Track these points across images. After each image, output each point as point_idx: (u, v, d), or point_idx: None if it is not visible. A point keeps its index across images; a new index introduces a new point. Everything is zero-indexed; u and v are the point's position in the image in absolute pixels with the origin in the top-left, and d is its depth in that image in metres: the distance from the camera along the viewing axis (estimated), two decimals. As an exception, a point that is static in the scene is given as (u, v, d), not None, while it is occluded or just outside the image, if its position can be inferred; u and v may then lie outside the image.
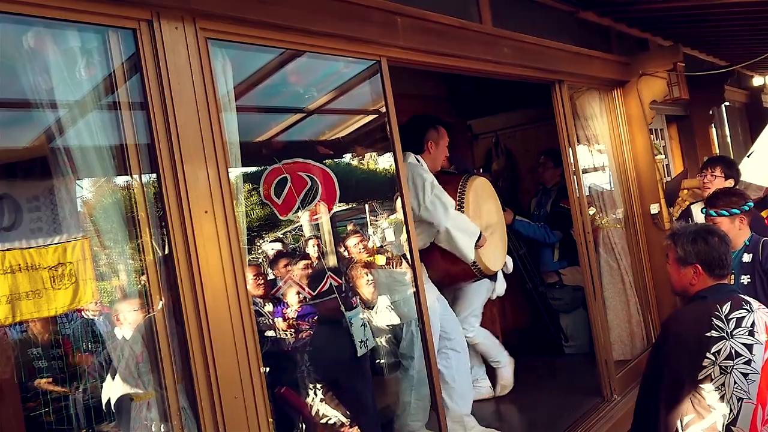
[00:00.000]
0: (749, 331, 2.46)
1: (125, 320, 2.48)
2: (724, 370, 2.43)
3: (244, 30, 2.36)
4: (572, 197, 4.42)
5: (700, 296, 2.64)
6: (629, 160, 5.13)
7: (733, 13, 4.82)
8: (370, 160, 6.13)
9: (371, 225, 6.76)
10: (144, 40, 2.05)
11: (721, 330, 2.47)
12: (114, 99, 2.13)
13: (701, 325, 2.50)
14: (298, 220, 4.14)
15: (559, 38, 4.38)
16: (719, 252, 2.60)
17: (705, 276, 2.62)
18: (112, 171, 2.19)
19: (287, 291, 3.99)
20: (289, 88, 3.81)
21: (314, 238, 5.79)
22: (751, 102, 9.43)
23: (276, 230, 7.37)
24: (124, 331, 2.48)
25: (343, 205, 6.86)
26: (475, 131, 6.25)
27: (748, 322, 2.47)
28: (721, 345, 2.45)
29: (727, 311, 2.50)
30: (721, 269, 2.61)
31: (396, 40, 2.97)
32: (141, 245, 2.16)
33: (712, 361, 2.45)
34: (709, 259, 2.60)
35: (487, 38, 3.61)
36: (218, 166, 2.18)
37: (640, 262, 5.13)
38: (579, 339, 5.42)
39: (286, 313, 3.89)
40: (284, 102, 4.08)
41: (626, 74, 5.09)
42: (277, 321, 3.88)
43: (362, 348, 3.85)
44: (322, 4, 2.62)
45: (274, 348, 3.82)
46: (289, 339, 3.85)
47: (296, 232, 7.24)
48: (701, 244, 2.62)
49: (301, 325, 3.89)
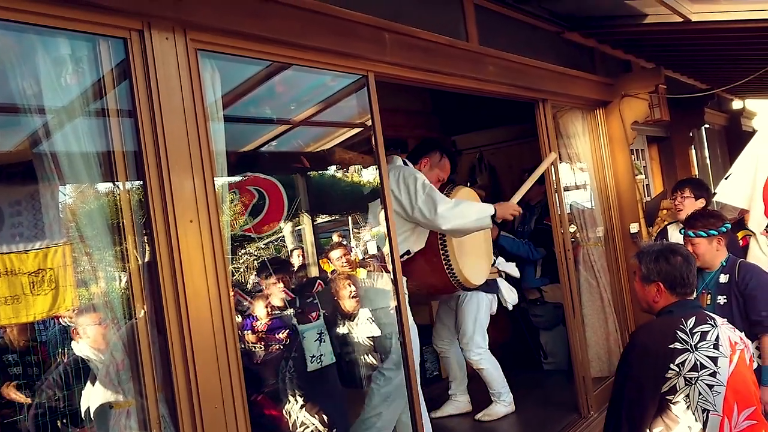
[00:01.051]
0: (714, 345, 2.52)
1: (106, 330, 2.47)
2: (689, 382, 2.49)
3: (234, 42, 2.38)
4: (553, 215, 4.48)
5: (666, 311, 2.72)
6: (610, 180, 5.20)
7: (710, 38, 4.94)
8: (354, 172, 6.17)
9: (354, 237, 6.79)
10: (134, 49, 2.06)
11: (685, 342, 2.53)
12: (102, 106, 2.14)
13: (666, 337, 2.57)
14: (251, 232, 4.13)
15: (545, 57, 4.45)
16: (680, 271, 2.68)
17: (667, 294, 2.70)
18: (98, 177, 2.19)
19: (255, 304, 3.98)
20: (276, 99, 3.84)
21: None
22: (731, 125, 9.61)
23: (253, 243, 7.38)
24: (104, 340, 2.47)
25: (326, 216, 6.89)
26: (459, 147, 6.30)
27: (712, 336, 2.54)
28: (685, 357, 2.51)
29: (692, 325, 2.57)
30: (683, 288, 2.69)
31: (383, 56, 3.01)
32: (124, 252, 2.16)
33: (676, 372, 2.51)
34: (671, 278, 2.68)
35: (473, 56, 3.66)
36: (204, 176, 2.19)
37: (618, 280, 5.19)
38: (558, 356, 5.47)
39: (256, 326, 3.88)
40: (271, 113, 4.11)
41: (609, 95, 5.18)
42: (246, 333, 3.86)
43: (313, 363, 3.77)
44: (313, 18, 2.65)
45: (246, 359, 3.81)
46: (259, 351, 3.83)
47: (277, 243, 7.25)
48: (663, 263, 2.70)
49: (270, 338, 3.88)
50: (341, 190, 6.18)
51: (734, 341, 2.59)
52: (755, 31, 4.60)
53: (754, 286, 3.67)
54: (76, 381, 2.83)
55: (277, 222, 4.17)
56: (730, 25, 4.48)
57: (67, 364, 2.91)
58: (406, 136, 5.61)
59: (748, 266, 3.83)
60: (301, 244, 5.82)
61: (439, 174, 3.93)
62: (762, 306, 3.62)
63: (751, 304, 3.66)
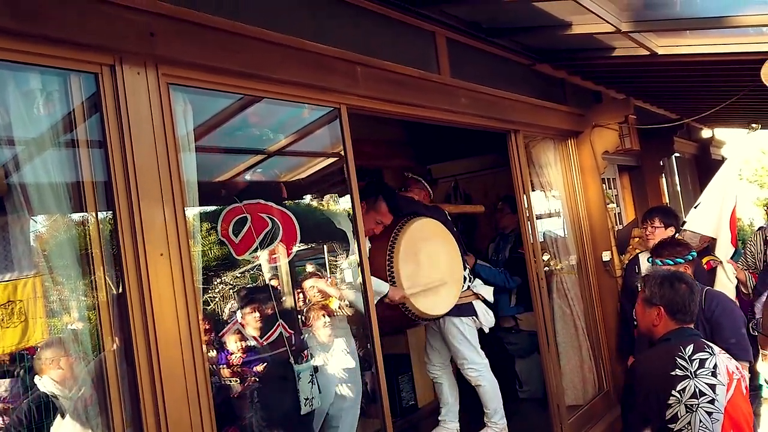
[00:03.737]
0: (712, 372, 2.57)
1: (74, 364, 2.43)
2: (690, 409, 2.53)
3: (206, 76, 2.40)
4: (526, 243, 4.53)
5: (664, 338, 2.77)
6: (582, 208, 5.27)
7: (677, 71, 5.07)
8: (330, 201, 6.17)
9: (330, 266, 6.76)
10: (106, 83, 2.08)
11: (685, 369, 2.58)
12: (73, 138, 2.14)
13: (666, 365, 2.62)
14: (256, 260, 4.09)
15: (517, 89, 4.53)
16: (683, 298, 2.74)
17: (667, 319, 2.75)
18: (68, 209, 2.19)
19: (230, 337, 3.90)
20: (250, 130, 3.85)
21: (274, 279, 5.73)
22: (701, 153, 9.79)
23: (233, 270, 7.29)
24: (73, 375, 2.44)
25: (302, 245, 6.86)
26: (435, 175, 6.34)
27: (710, 364, 2.59)
28: (685, 383, 2.55)
29: (690, 352, 2.62)
30: (683, 314, 2.74)
31: (356, 89, 3.05)
32: (94, 285, 2.15)
33: (677, 399, 2.55)
34: (672, 304, 2.74)
35: (445, 89, 3.72)
36: (175, 209, 2.20)
37: (592, 308, 5.24)
38: (533, 384, 5.47)
39: (231, 360, 3.80)
40: (245, 143, 4.12)
41: (580, 125, 5.27)
42: (221, 368, 3.77)
43: (307, 406, 3.65)
44: (286, 52, 2.68)
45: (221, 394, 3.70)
46: (235, 386, 3.74)
47: (254, 272, 7.18)
48: (667, 288, 2.76)
49: (246, 372, 3.79)
50: (316, 219, 6.16)
51: (731, 370, 2.63)
52: (719, 64, 4.74)
53: (719, 314, 3.74)
54: (45, 416, 2.77)
55: (290, 250, 4.11)
56: (695, 58, 4.62)
57: (34, 399, 2.85)
58: (382, 165, 5.65)
59: (715, 294, 3.91)
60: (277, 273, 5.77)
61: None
62: (729, 333, 3.68)
63: (717, 332, 3.71)
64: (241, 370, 3.78)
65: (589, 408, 4.84)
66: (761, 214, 17.23)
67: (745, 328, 3.84)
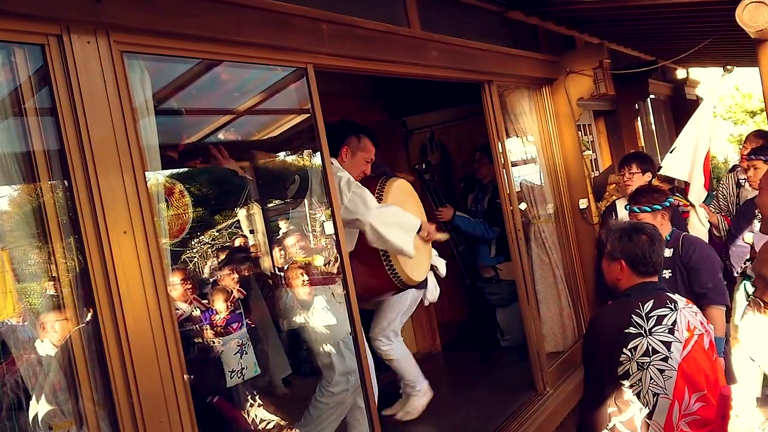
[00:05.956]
0: (669, 329, 2.56)
1: (43, 340, 2.38)
2: (641, 366, 2.54)
3: (162, 42, 2.29)
4: (503, 192, 4.48)
5: (624, 294, 2.76)
6: (558, 157, 5.24)
7: (652, 13, 4.97)
8: (305, 157, 6.09)
9: (310, 220, 6.71)
10: (54, 55, 1.96)
11: (639, 327, 2.57)
12: (22, 116, 2.04)
13: (621, 322, 2.61)
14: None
15: (489, 39, 4.42)
16: (643, 250, 2.71)
17: (629, 272, 2.73)
18: (24, 181, 2.11)
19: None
20: (216, 92, 3.74)
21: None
22: (675, 94, 9.76)
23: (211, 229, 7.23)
24: (40, 353, 2.39)
25: (278, 201, 6.79)
26: (410, 127, 6.28)
27: (669, 321, 2.57)
28: (638, 341, 2.55)
29: (649, 309, 2.60)
30: (645, 266, 2.71)
31: (322, 47, 2.94)
32: (57, 267, 2.09)
33: (628, 356, 2.55)
34: (633, 256, 2.71)
35: (415, 42, 3.62)
36: (137, 182, 2.10)
37: (570, 256, 5.25)
38: (515, 332, 5.53)
39: (215, 320, 3.80)
40: (211, 105, 4.01)
41: (554, 72, 5.19)
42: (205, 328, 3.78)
43: (234, 378, 3.62)
44: (245, 13, 2.56)
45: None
46: (217, 347, 3.74)
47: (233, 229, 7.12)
48: (626, 242, 2.74)
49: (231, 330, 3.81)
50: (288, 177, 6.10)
51: (693, 326, 2.61)
52: (695, 5, 4.65)
53: (697, 259, 3.77)
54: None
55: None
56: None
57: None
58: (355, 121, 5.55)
59: (692, 239, 3.93)
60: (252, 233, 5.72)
61: (364, 156, 3.80)
62: (705, 278, 3.72)
63: (694, 277, 3.75)
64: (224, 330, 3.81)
65: (570, 355, 4.90)
66: (735, 151, 17.42)
67: (722, 272, 3.88)
